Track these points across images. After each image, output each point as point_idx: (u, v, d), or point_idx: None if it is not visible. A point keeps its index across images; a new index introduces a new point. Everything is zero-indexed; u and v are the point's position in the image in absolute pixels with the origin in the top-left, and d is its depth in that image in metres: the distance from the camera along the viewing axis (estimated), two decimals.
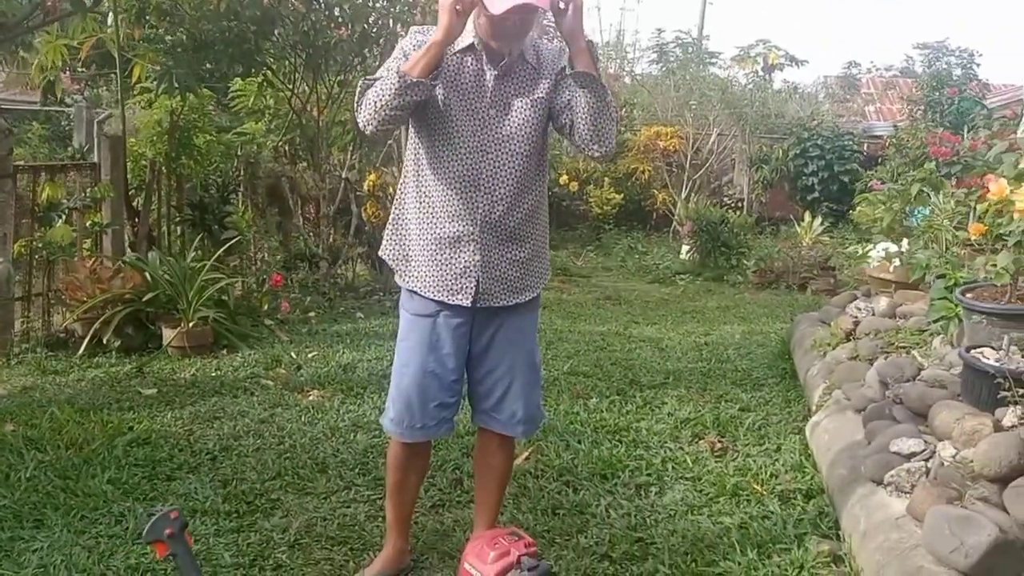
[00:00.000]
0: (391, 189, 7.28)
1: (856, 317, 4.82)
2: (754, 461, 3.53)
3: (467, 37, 2.28)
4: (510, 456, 2.67)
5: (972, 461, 2.66)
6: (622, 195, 11.77)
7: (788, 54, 17.68)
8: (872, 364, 3.97)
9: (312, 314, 5.97)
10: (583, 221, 11.92)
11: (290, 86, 6.91)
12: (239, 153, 6.70)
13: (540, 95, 2.33)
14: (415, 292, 2.39)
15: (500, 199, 2.32)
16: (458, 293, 2.34)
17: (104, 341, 4.94)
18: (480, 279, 2.34)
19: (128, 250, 5.71)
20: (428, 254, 2.35)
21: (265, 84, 6.73)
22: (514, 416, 2.48)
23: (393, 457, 2.55)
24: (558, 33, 2.32)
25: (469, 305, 2.35)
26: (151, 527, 2.10)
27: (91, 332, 4.94)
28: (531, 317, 2.53)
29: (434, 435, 2.50)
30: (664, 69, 15.16)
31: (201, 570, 2.08)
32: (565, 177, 11.42)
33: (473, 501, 3.11)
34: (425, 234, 2.35)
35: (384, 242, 2.48)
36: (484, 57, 2.29)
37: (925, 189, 5.71)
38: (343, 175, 7.43)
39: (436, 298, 2.36)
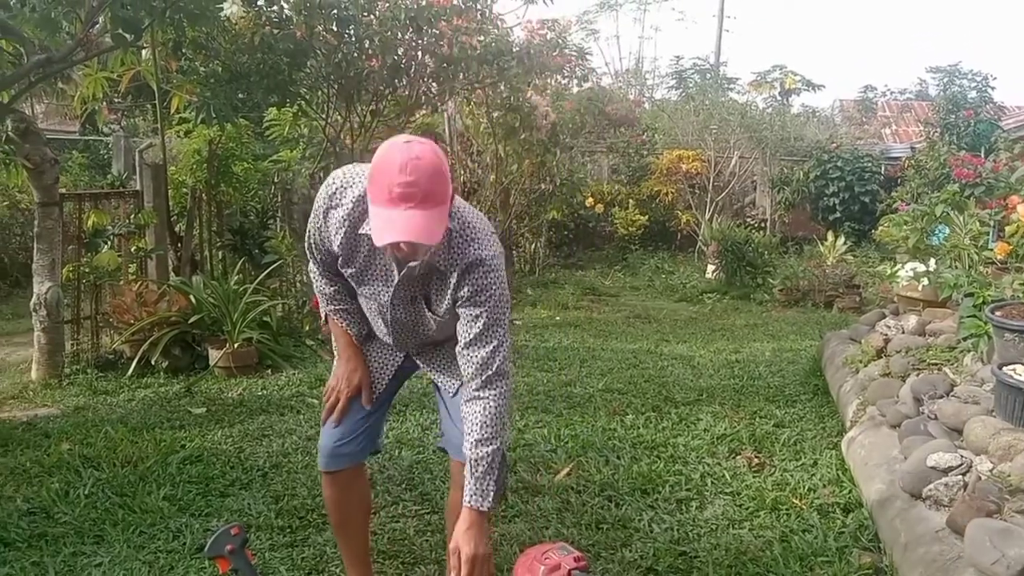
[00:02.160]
0: None
1: (886, 335, 4.80)
2: (792, 476, 3.52)
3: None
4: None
5: (1009, 475, 2.66)
6: (647, 216, 11.81)
7: (804, 78, 17.74)
8: (905, 381, 3.95)
9: None
10: (609, 242, 11.96)
11: (323, 115, 7.01)
12: (275, 180, 6.79)
13: (442, 309, 2.13)
14: None
15: (414, 344, 2.30)
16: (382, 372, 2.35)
17: (152, 362, 5.03)
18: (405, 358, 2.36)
19: (172, 274, 5.82)
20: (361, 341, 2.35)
21: (299, 113, 6.85)
22: (455, 442, 2.27)
23: (325, 490, 2.42)
24: (475, 236, 2.09)
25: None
26: (213, 543, 2.13)
27: (139, 353, 5.03)
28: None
29: (351, 462, 2.36)
30: (683, 94, 15.24)
31: None
32: (591, 199, 11.48)
33: (519, 515, 3.14)
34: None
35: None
36: (388, 253, 2.05)
37: (948, 210, 5.71)
38: None
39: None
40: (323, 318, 2.37)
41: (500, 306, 2.09)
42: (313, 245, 2.20)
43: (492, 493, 2.05)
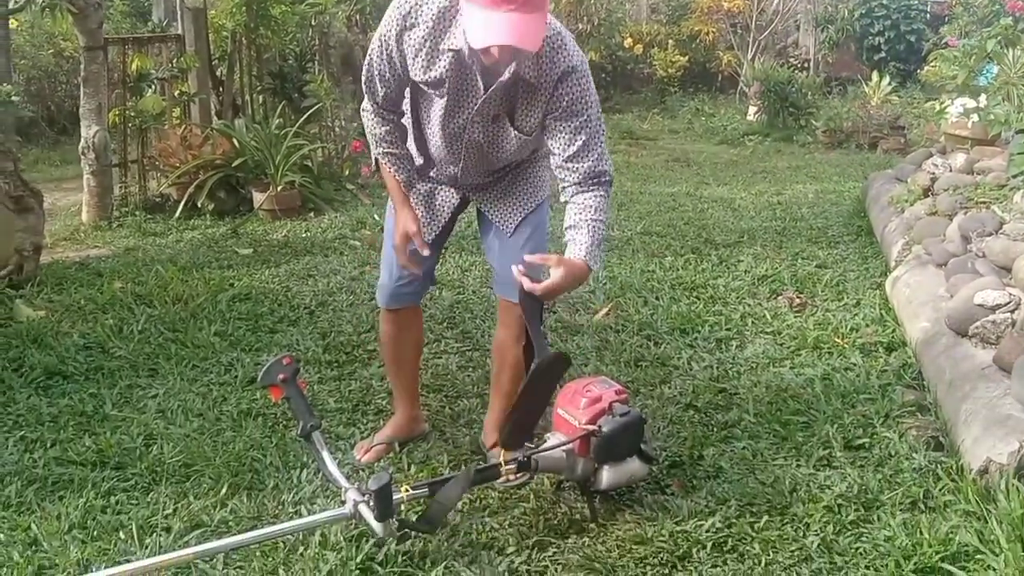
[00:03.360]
0: None
1: (933, 174, 4.54)
2: (834, 316, 3.37)
3: (460, 38, 1.87)
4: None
5: None
6: (687, 57, 11.12)
7: None
8: (952, 219, 3.76)
9: None
10: (647, 84, 11.35)
11: None
12: (313, 24, 6.44)
13: (532, 123, 1.98)
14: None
15: (480, 174, 2.14)
16: (428, 226, 2.21)
17: (198, 204, 4.94)
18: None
19: (215, 118, 5.63)
20: (417, 191, 2.20)
21: None
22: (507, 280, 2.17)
23: (383, 326, 2.35)
24: (564, 44, 1.93)
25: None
26: (266, 372, 2.11)
27: (185, 196, 4.94)
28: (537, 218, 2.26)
29: (411, 301, 2.31)
30: None
31: (313, 410, 2.06)
32: (629, 40, 10.81)
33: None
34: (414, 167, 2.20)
35: None
36: (475, 65, 1.90)
37: (1000, 46, 5.21)
38: None
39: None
40: (372, 163, 2.20)
41: (598, 113, 2.00)
42: (376, 76, 2.01)
43: (601, 257, 2.03)
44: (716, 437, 2.46)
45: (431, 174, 2.21)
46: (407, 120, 2.15)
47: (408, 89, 2.07)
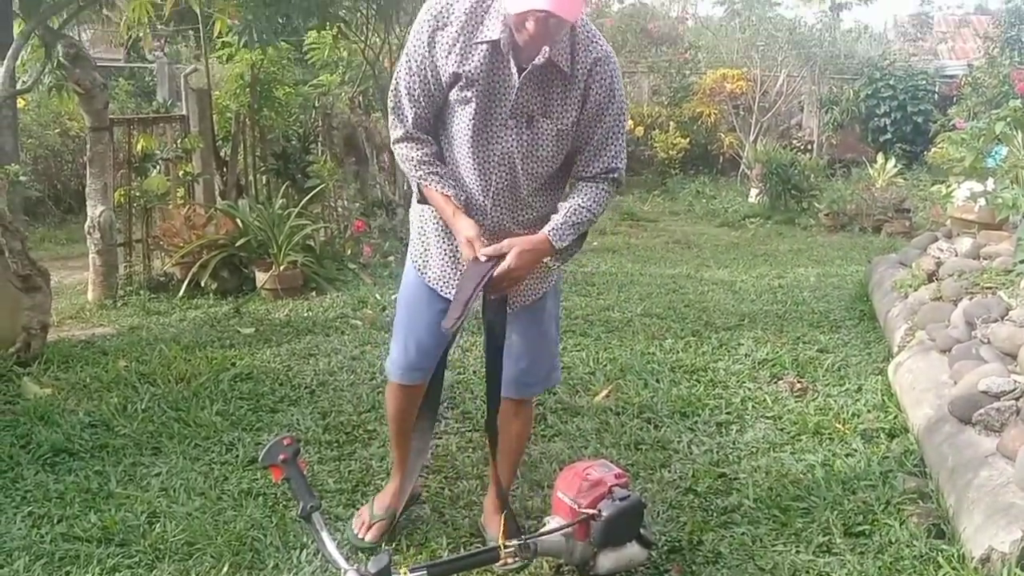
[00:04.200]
0: None
1: (938, 258, 4.65)
2: (835, 401, 3.47)
3: (494, 29, 1.95)
4: (524, 421, 2.42)
5: None
6: (688, 139, 11.46)
7: None
8: (957, 305, 3.83)
9: (391, 258, 6.02)
10: (648, 166, 11.66)
11: (362, 38, 6.89)
12: (316, 105, 6.74)
13: (567, 121, 2.03)
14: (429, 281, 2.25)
15: (510, 208, 2.13)
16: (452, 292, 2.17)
17: (202, 284, 5.10)
18: None
19: (219, 198, 5.84)
20: (444, 248, 2.19)
21: (339, 36, 6.72)
22: (518, 379, 2.29)
23: (393, 401, 2.36)
24: (596, 34, 2.04)
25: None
26: (267, 452, 2.17)
27: (189, 275, 5.10)
28: (542, 305, 2.30)
29: (425, 377, 2.28)
30: (728, 11, 14.59)
31: (313, 491, 2.16)
32: (630, 122, 11.16)
33: (558, 434, 3.15)
34: (441, 225, 2.18)
35: (410, 231, 2.35)
36: (511, 53, 1.96)
37: (1009, 128, 5.41)
38: None
39: (437, 289, 2.22)
40: (416, 194, 2.16)
41: (625, 106, 2.08)
42: (404, 97, 2.05)
43: (569, 240, 2.05)
44: (716, 522, 2.53)
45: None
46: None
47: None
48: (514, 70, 1.97)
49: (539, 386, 2.41)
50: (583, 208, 2.05)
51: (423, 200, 2.14)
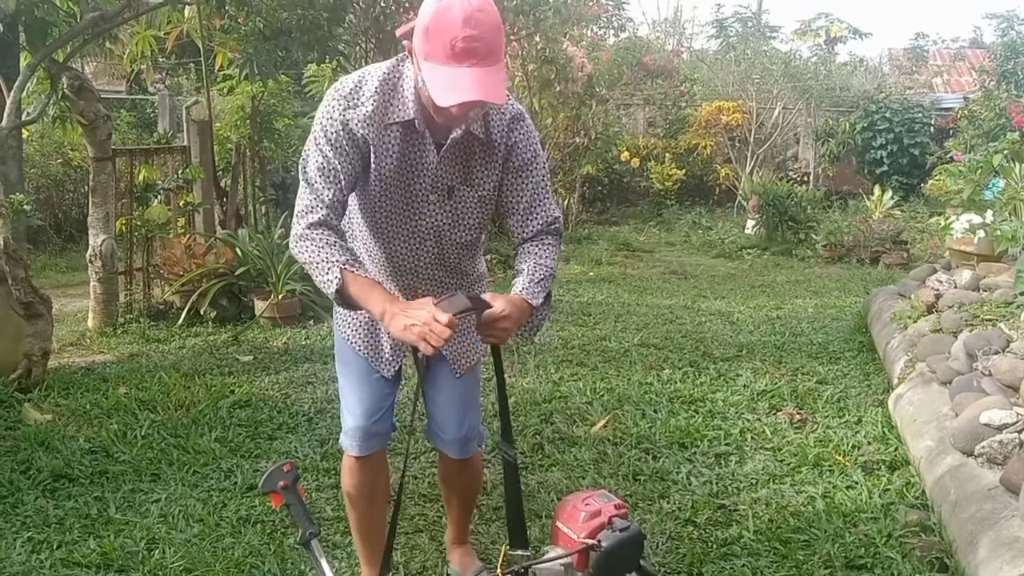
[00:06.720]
0: None
1: (938, 290, 4.64)
2: (835, 433, 3.46)
3: (407, 108, 1.87)
4: (473, 472, 2.35)
5: None
6: (684, 171, 11.55)
7: (851, 26, 17.08)
8: (957, 337, 3.83)
9: None
10: (644, 197, 11.74)
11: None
12: None
13: (489, 187, 1.97)
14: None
15: (431, 283, 2.07)
16: (384, 364, 2.12)
17: (201, 312, 5.12)
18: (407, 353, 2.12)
19: (219, 228, 5.89)
20: (358, 317, 2.09)
21: (338, 69, 6.81)
22: (463, 439, 2.23)
23: (350, 478, 2.18)
24: (510, 100, 1.95)
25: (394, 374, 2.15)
26: (267, 479, 2.17)
27: (189, 304, 5.13)
28: (478, 368, 2.24)
29: (382, 443, 2.19)
30: (724, 44, 14.79)
31: (312, 518, 2.15)
32: (626, 154, 11.26)
33: (555, 464, 3.14)
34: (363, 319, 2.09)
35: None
36: (427, 131, 1.89)
37: (1007, 161, 5.46)
38: None
39: (367, 359, 2.13)
40: (334, 289, 1.82)
41: (545, 159, 2.04)
42: (318, 177, 1.86)
43: (541, 298, 1.95)
44: (715, 554, 2.52)
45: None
46: (357, 229, 2.07)
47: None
48: (431, 147, 1.91)
49: (477, 440, 2.30)
50: (540, 266, 1.98)
51: (347, 304, 1.88)
